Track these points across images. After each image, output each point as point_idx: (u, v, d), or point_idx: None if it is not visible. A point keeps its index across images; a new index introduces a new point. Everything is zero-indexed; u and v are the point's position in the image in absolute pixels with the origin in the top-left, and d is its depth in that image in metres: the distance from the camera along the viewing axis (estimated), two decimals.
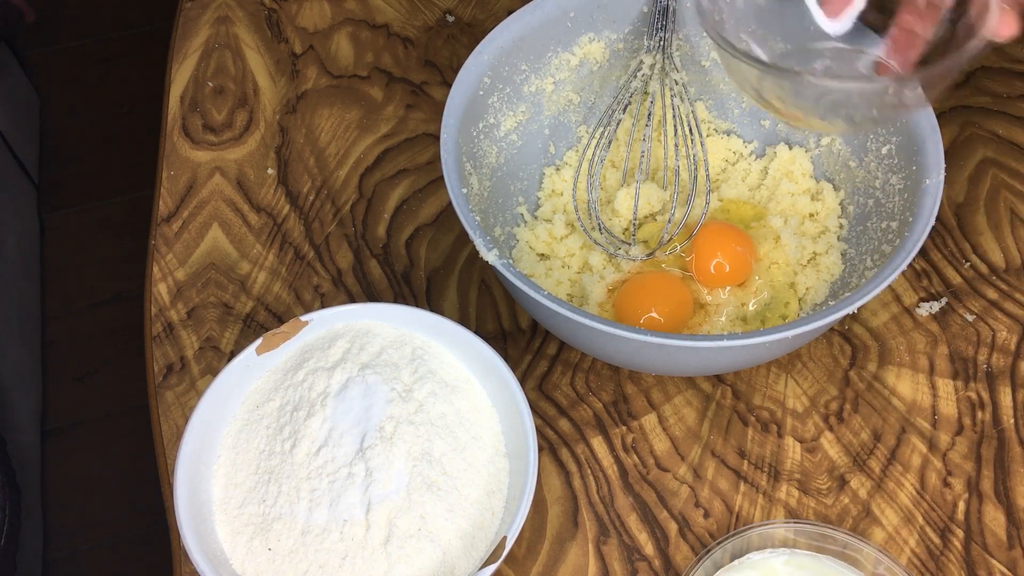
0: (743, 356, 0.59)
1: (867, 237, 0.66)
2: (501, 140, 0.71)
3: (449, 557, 0.57)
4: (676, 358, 0.59)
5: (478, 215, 0.62)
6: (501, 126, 0.71)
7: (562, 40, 0.71)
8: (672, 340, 0.55)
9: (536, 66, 0.71)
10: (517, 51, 0.69)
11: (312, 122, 0.83)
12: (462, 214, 0.60)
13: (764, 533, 0.59)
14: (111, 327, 1.67)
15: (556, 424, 0.66)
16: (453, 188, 0.61)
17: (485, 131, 0.69)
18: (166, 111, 0.85)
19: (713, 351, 0.57)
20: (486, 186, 0.69)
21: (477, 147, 0.68)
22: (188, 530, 0.56)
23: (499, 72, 0.69)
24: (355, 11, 0.91)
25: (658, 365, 0.63)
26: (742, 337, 0.55)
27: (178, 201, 0.79)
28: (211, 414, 0.60)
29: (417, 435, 0.59)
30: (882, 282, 0.56)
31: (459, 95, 0.66)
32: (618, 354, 0.61)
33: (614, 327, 0.55)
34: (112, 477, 1.51)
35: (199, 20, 0.91)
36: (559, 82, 0.73)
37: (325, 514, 0.57)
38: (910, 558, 0.61)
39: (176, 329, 0.72)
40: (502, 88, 0.70)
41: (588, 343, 0.62)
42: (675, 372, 0.66)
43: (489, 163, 0.70)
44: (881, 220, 0.65)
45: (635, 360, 0.62)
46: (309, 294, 0.73)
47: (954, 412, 0.66)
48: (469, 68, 0.67)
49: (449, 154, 0.63)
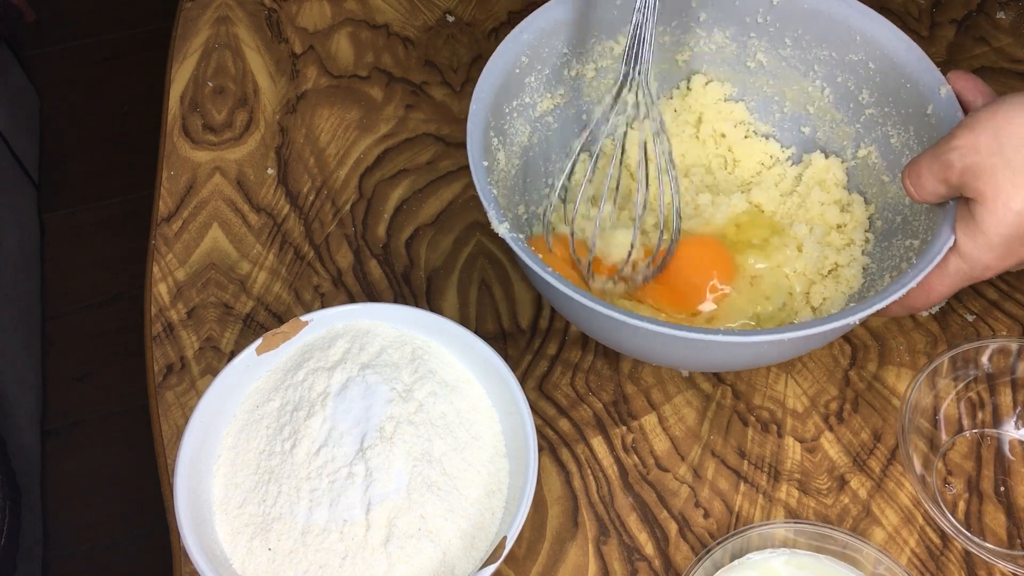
0: (743, 354, 0.59)
1: (890, 253, 0.65)
2: (536, 120, 0.71)
3: (449, 557, 0.57)
4: (672, 349, 0.59)
5: (498, 190, 0.62)
6: (537, 106, 0.70)
7: (606, 28, 0.71)
8: (671, 330, 0.54)
9: (578, 51, 0.71)
10: (559, 33, 0.69)
11: (312, 122, 0.83)
12: (479, 184, 0.59)
13: (764, 533, 0.59)
14: (111, 327, 1.67)
15: (556, 424, 0.66)
16: (475, 160, 0.61)
17: (519, 109, 0.69)
18: (166, 111, 0.85)
19: (712, 345, 0.56)
20: (514, 164, 0.68)
21: (509, 124, 0.68)
22: (188, 530, 0.56)
23: (538, 53, 0.68)
24: (355, 11, 0.91)
25: (654, 354, 0.62)
26: (740, 334, 0.55)
27: (178, 201, 0.79)
28: (211, 414, 0.60)
29: (417, 435, 0.59)
30: (888, 296, 0.55)
31: (494, 71, 0.65)
32: (618, 341, 0.61)
33: (616, 312, 0.54)
34: (112, 477, 1.51)
35: (199, 20, 0.91)
36: (601, 69, 0.73)
37: (325, 514, 0.57)
38: (910, 558, 0.61)
39: (176, 329, 0.72)
40: (540, 69, 0.69)
41: (593, 326, 0.61)
42: (672, 363, 0.66)
43: (520, 142, 0.69)
44: (906, 238, 0.63)
45: (632, 347, 0.62)
46: (309, 294, 0.73)
47: (954, 412, 0.66)
48: (507, 45, 0.66)
49: (476, 126, 0.62)
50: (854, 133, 0.70)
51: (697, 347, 0.57)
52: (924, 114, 0.63)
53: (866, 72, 0.67)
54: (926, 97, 0.63)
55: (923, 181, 0.56)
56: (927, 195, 0.57)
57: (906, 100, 0.65)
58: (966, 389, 0.66)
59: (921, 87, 0.63)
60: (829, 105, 0.71)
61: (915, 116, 0.64)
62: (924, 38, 0.86)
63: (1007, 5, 0.88)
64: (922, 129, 0.63)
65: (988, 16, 0.88)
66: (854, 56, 0.68)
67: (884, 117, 0.67)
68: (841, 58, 0.69)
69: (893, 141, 0.67)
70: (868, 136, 0.69)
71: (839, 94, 0.70)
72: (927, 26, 0.87)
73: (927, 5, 0.89)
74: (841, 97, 0.70)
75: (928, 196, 0.57)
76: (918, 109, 0.64)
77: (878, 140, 0.68)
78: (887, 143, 0.67)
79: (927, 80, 0.63)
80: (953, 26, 0.87)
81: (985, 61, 0.84)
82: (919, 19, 0.88)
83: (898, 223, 0.65)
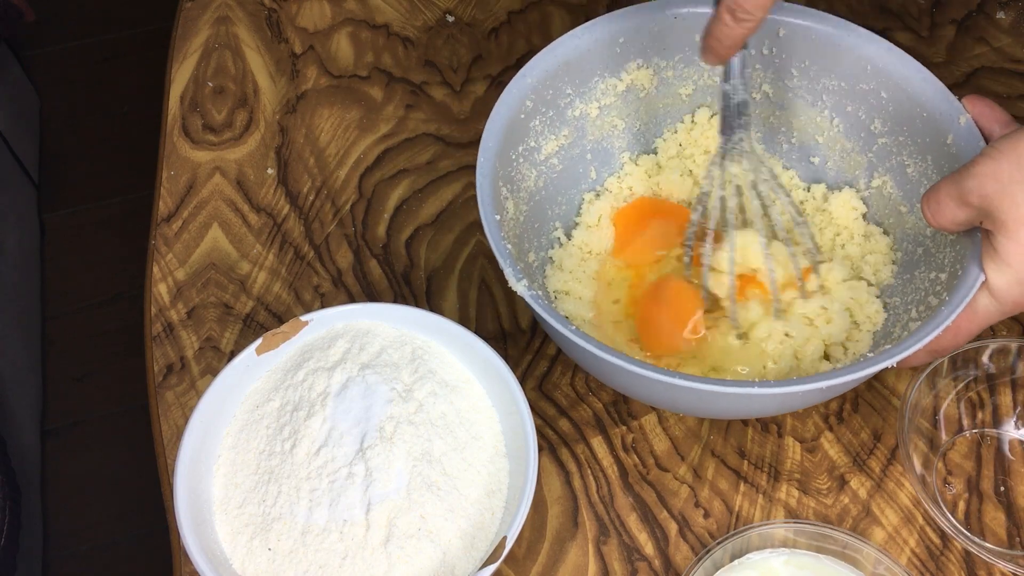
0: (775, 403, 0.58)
1: (913, 287, 0.63)
2: (541, 164, 0.69)
3: (449, 557, 0.57)
4: (707, 402, 0.58)
5: (511, 242, 0.60)
6: (542, 150, 0.69)
7: (610, 65, 0.70)
8: (705, 385, 0.53)
9: (581, 90, 0.69)
10: (563, 74, 0.67)
11: (312, 122, 0.83)
12: (494, 242, 0.58)
13: (764, 533, 0.59)
14: (111, 327, 1.67)
15: (556, 424, 0.66)
16: (487, 215, 0.59)
17: (525, 154, 0.67)
18: (166, 111, 0.85)
19: (746, 398, 0.55)
20: (522, 210, 0.67)
21: (516, 171, 0.66)
22: (188, 530, 0.56)
23: (543, 95, 0.67)
24: (355, 11, 0.91)
25: (688, 407, 0.61)
26: (781, 385, 0.53)
27: (178, 201, 0.79)
28: (211, 414, 0.60)
29: (417, 435, 0.59)
30: (924, 337, 0.54)
31: (500, 118, 0.64)
32: (649, 395, 0.60)
33: (643, 368, 0.53)
34: (112, 477, 1.51)
35: (199, 20, 0.91)
36: (604, 107, 0.71)
37: (325, 514, 0.57)
38: (910, 558, 0.61)
39: (176, 329, 0.72)
40: (544, 111, 0.68)
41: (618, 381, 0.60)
42: (707, 414, 0.65)
43: (527, 187, 0.68)
44: (930, 271, 0.62)
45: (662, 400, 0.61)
46: (309, 294, 0.73)
47: (954, 412, 0.66)
48: (512, 91, 0.65)
49: (485, 179, 0.61)
50: (866, 163, 0.69)
51: (737, 400, 0.56)
52: (943, 143, 0.62)
53: (878, 101, 0.66)
54: (944, 126, 0.62)
55: (942, 208, 0.55)
56: (946, 223, 0.56)
57: (922, 129, 0.64)
58: (966, 389, 0.66)
59: (938, 116, 0.62)
60: (839, 135, 0.70)
61: (933, 145, 0.63)
62: (924, 38, 0.86)
63: (1007, 5, 0.88)
64: (941, 159, 0.62)
65: (988, 16, 0.88)
66: (865, 86, 0.67)
67: (899, 146, 0.66)
68: (851, 87, 0.68)
69: (910, 171, 0.66)
70: (882, 165, 0.68)
71: (849, 123, 0.69)
72: (927, 26, 0.87)
73: (927, 5, 0.89)
74: (852, 127, 0.69)
75: (947, 223, 0.56)
76: (936, 138, 0.63)
77: (892, 169, 0.67)
78: (903, 173, 0.66)
79: (944, 109, 0.62)
80: (953, 26, 0.87)
81: (985, 61, 0.84)
82: (919, 19, 0.88)
83: (920, 255, 0.64)
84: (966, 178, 0.53)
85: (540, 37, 0.88)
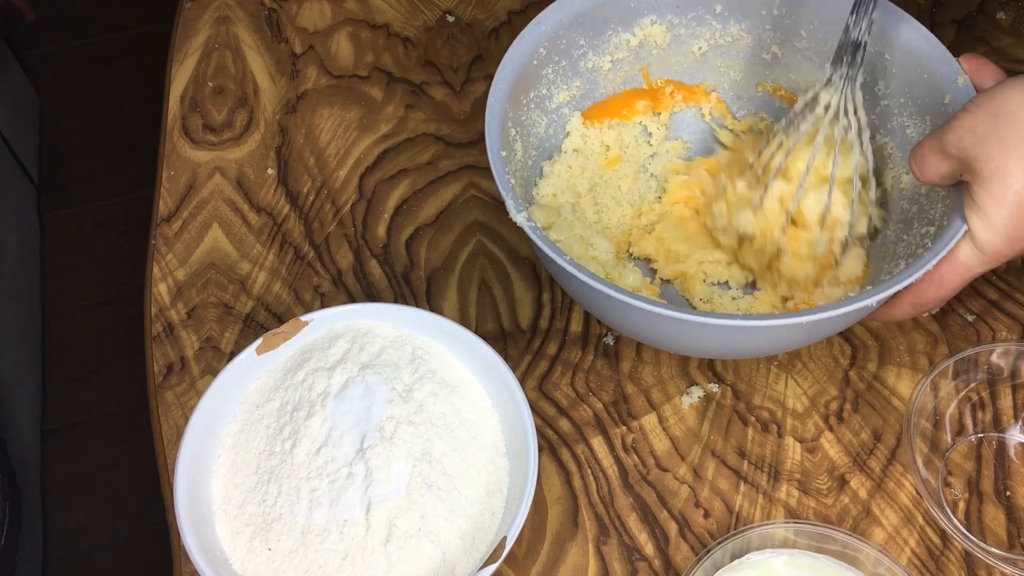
0: (759, 338, 0.59)
1: (906, 242, 0.64)
2: (552, 112, 0.71)
3: (449, 557, 0.57)
4: (688, 334, 0.59)
5: (515, 180, 0.62)
6: (553, 98, 0.71)
7: (623, 19, 0.71)
8: (695, 317, 0.54)
9: (595, 43, 0.71)
10: (577, 25, 0.69)
11: (312, 122, 0.83)
12: (498, 176, 0.60)
13: (764, 533, 0.59)
14: (111, 327, 1.67)
15: (556, 424, 0.66)
16: (493, 150, 0.61)
17: (536, 101, 0.69)
18: (166, 111, 0.85)
19: (733, 330, 0.56)
20: (531, 155, 0.69)
21: (526, 116, 0.68)
22: (188, 530, 0.56)
23: (556, 44, 0.68)
24: (355, 11, 0.91)
25: (667, 339, 0.62)
26: (761, 318, 0.55)
27: (178, 201, 0.79)
28: (211, 414, 0.60)
29: (417, 435, 0.59)
30: (904, 279, 0.55)
31: (512, 63, 0.65)
32: (643, 330, 0.62)
33: (638, 300, 0.55)
34: (112, 477, 1.51)
35: (199, 20, 0.91)
36: (617, 61, 0.73)
37: (325, 514, 0.57)
38: (910, 558, 0.61)
39: (176, 329, 0.72)
40: (558, 61, 0.69)
41: (613, 315, 0.61)
42: (683, 349, 0.65)
43: (537, 133, 0.69)
44: (922, 225, 0.63)
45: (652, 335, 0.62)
46: (309, 294, 0.73)
47: (955, 412, 0.66)
48: (525, 37, 0.66)
49: (494, 115, 0.62)
50: (869, 124, 0.70)
51: (716, 332, 0.57)
52: (941, 103, 0.63)
53: (882, 63, 0.67)
54: (943, 87, 0.63)
55: (927, 162, 0.57)
56: (931, 176, 0.58)
57: (923, 91, 0.65)
58: (969, 392, 0.66)
59: (939, 77, 0.63)
60: None
61: (932, 106, 0.64)
62: None
63: (1007, 5, 0.88)
64: (939, 119, 0.63)
65: (988, 16, 0.88)
66: (870, 48, 0.67)
67: (900, 108, 0.67)
68: None
69: (909, 131, 0.67)
70: (884, 127, 0.69)
71: None
72: (927, 26, 0.87)
73: (927, 5, 0.89)
74: None
75: (931, 177, 0.58)
76: (935, 99, 0.64)
77: (894, 131, 0.68)
78: (903, 134, 0.67)
79: (944, 71, 0.63)
80: (953, 26, 0.87)
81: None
82: (919, 19, 0.88)
83: (914, 212, 0.65)
84: (946, 132, 0.55)
85: None
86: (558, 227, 0.67)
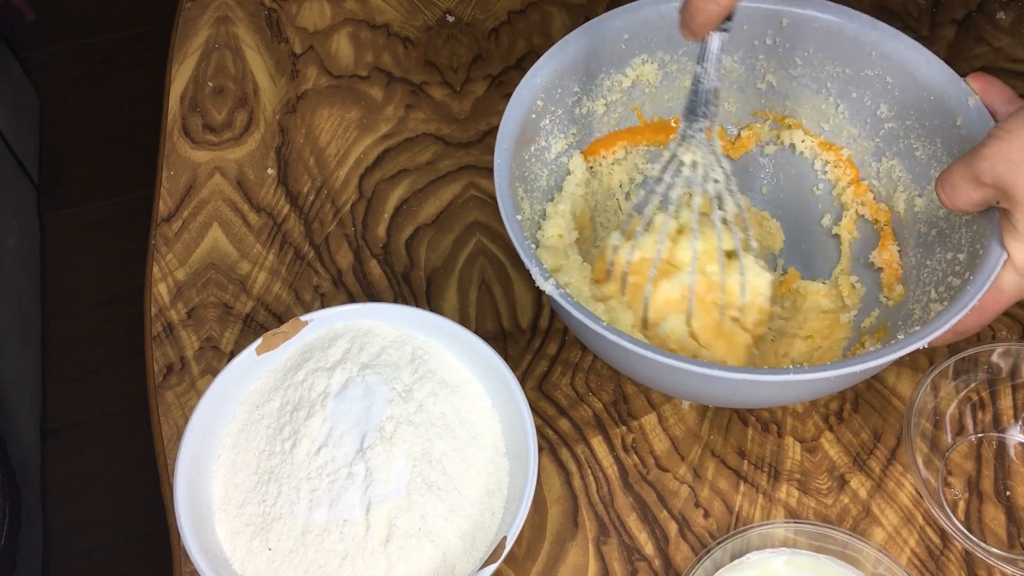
0: (805, 390, 0.58)
1: (931, 268, 0.63)
2: (551, 163, 0.70)
3: (449, 557, 0.57)
4: (740, 392, 0.58)
5: (530, 241, 0.61)
6: (552, 148, 0.69)
7: (615, 62, 0.70)
8: (734, 374, 0.53)
9: (588, 88, 0.70)
10: (570, 72, 0.68)
11: (312, 122, 0.83)
12: (518, 243, 0.58)
13: (764, 533, 0.59)
14: (111, 327, 1.67)
15: (556, 424, 0.66)
16: (508, 217, 0.59)
17: (536, 154, 0.68)
18: (166, 111, 0.85)
19: (780, 385, 0.55)
20: (537, 210, 0.67)
21: (528, 171, 0.67)
22: (188, 530, 0.56)
23: (551, 95, 0.67)
24: (355, 11, 0.91)
25: (717, 397, 0.61)
26: (807, 371, 0.53)
27: (178, 201, 0.79)
28: (211, 414, 0.60)
29: (417, 435, 0.59)
30: (953, 317, 0.54)
31: (513, 120, 0.64)
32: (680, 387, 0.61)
33: (673, 359, 0.53)
34: (112, 477, 1.51)
35: (199, 20, 0.91)
36: (611, 104, 0.72)
37: (325, 514, 0.57)
38: (910, 558, 0.61)
39: (176, 329, 0.72)
40: (554, 111, 0.68)
41: (649, 375, 0.60)
42: (734, 404, 0.65)
43: (540, 186, 0.68)
44: (946, 251, 0.62)
45: (694, 392, 0.61)
46: (309, 294, 0.73)
47: (955, 412, 0.66)
48: (522, 92, 0.65)
49: (503, 180, 0.61)
50: (874, 147, 0.70)
51: (759, 387, 0.56)
52: (953, 125, 0.62)
53: (883, 86, 0.67)
54: (953, 109, 0.62)
55: (957, 191, 0.56)
56: (962, 204, 0.57)
57: (930, 112, 0.64)
58: (969, 392, 0.66)
59: (947, 99, 0.63)
60: (845, 121, 0.71)
61: (942, 128, 0.63)
62: (924, 38, 0.86)
63: (1007, 5, 0.88)
64: (951, 140, 0.63)
65: (988, 16, 0.88)
66: (870, 71, 0.67)
67: (906, 130, 0.67)
68: (856, 74, 0.68)
69: (918, 154, 0.66)
70: (889, 149, 0.68)
71: (854, 110, 0.70)
72: (927, 26, 0.87)
73: (927, 5, 0.89)
74: (857, 112, 0.70)
75: (963, 205, 0.57)
76: (945, 121, 0.63)
77: (901, 153, 0.67)
78: (911, 156, 0.67)
79: (952, 92, 0.63)
80: (953, 26, 0.87)
81: (985, 61, 0.84)
82: (919, 19, 0.88)
83: (934, 236, 0.64)
84: (978, 160, 0.54)
85: (540, 37, 0.89)
86: (567, 269, 0.66)
